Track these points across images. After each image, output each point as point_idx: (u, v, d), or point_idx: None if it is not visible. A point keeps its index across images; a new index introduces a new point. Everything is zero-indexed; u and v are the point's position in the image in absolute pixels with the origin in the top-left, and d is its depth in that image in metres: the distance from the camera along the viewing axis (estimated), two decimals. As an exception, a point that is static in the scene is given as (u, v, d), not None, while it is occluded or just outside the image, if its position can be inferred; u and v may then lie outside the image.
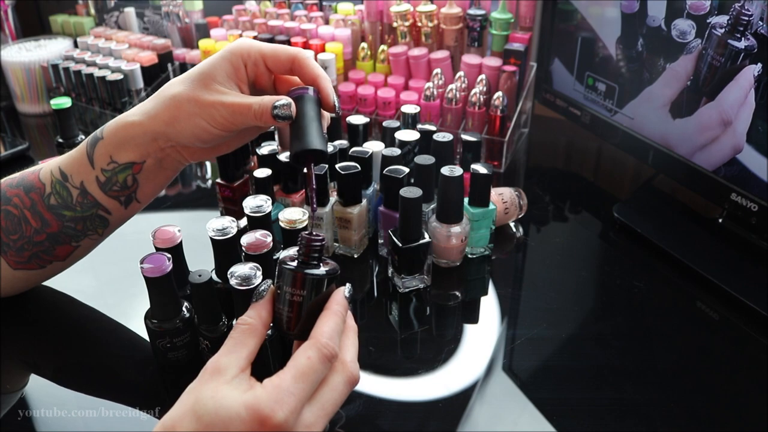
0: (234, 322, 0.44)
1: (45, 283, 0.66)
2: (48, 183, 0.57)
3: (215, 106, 0.51)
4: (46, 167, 0.58)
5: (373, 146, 0.76)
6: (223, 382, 0.40)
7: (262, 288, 0.46)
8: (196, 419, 0.39)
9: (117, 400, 0.55)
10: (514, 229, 0.80)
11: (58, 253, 0.59)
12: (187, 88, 0.52)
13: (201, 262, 0.60)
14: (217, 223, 0.58)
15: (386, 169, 0.69)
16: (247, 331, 0.43)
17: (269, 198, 0.62)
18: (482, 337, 0.63)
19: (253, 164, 0.82)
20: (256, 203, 0.61)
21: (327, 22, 1.09)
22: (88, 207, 0.57)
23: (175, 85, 0.53)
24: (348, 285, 0.47)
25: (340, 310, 0.44)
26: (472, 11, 0.95)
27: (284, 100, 0.50)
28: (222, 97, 0.51)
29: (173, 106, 0.52)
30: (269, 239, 0.56)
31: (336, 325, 0.43)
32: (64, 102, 0.88)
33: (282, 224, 0.60)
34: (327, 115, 0.54)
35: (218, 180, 0.79)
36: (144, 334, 0.57)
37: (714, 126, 0.69)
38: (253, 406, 0.38)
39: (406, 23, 0.99)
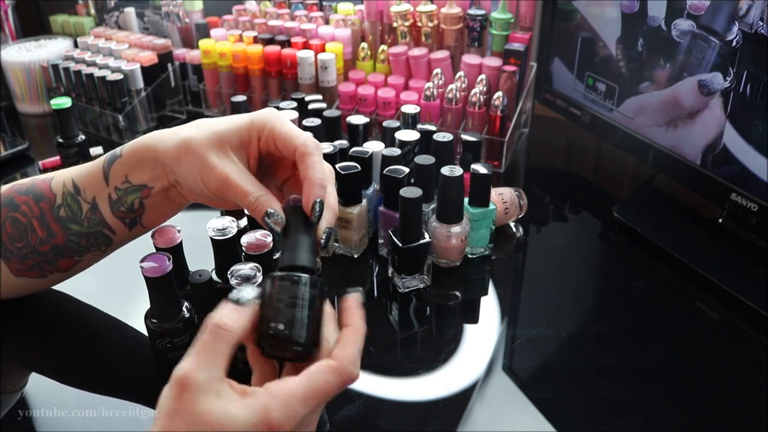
0: (207, 321, 0.39)
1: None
2: (60, 194, 0.56)
3: (214, 171, 0.49)
4: (58, 177, 0.57)
5: (373, 146, 0.76)
6: (213, 400, 0.36)
7: (249, 296, 0.40)
8: None
9: (117, 401, 0.55)
10: (514, 229, 0.80)
11: (60, 265, 0.59)
12: (201, 140, 0.50)
13: (201, 262, 0.60)
14: (217, 223, 0.58)
15: (386, 169, 0.69)
16: (226, 338, 0.38)
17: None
18: (482, 337, 0.63)
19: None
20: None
21: (327, 22, 1.09)
22: (95, 224, 0.56)
23: (194, 129, 0.51)
24: (359, 290, 0.44)
25: (362, 326, 0.42)
26: (472, 11, 0.95)
27: (277, 213, 0.46)
28: (225, 166, 0.49)
29: (183, 149, 0.50)
30: (269, 239, 0.56)
31: (360, 347, 0.41)
32: (64, 102, 0.88)
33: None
34: (324, 224, 0.46)
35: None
36: (144, 334, 0.57)
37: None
38: (264, 419, 0.36)
39: (406, 23, 0.99)
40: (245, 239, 0.57)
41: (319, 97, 0.91)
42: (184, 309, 0.56)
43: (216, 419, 0.35)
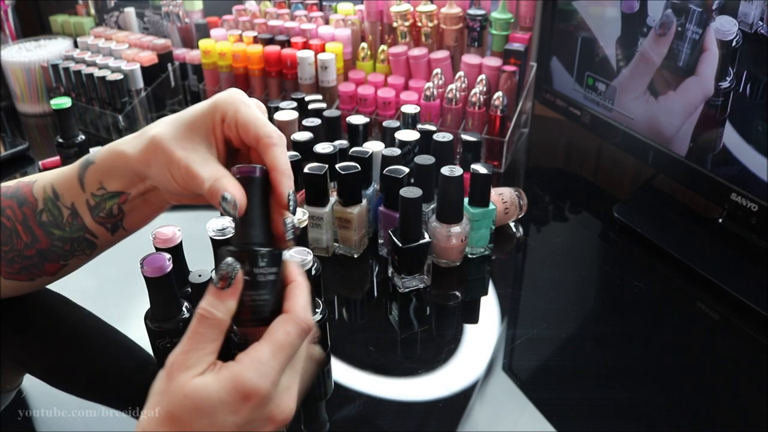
0: (197, 310, 0.40)
1: (45, 283, 0.66)
2: (41, 199, 0.56)
3: (179, 164, 0.47)
4: (40, 182, 0.57)
5: (373, 146, 0.76)
6: (193, 377, 0.38)
7: (233, 270, 0.41)
8: (175, 421, 0.37)
9: (117, 400, 0.55)
10: (514, 229, 0.80)
11: (47, 269, 0.59)
12: (167, 134, 0.48)
13: (201, 262, 0.60)
14: (217, 223, 0.58)
15: (386, 169, 0.69)
16: (218, 327, 0.40)
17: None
18: (482, 337, 0.63)
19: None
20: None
21: (327, 22, 1.09)
22: (76, 229, 0.56)
23: (161, 125, 0.50)
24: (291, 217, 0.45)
25: (303, 280, 0.44)
26: (472, 11, 0.95)
27: (231, 195, 0.43)
28: (188, 156, 0.47)
29: (150, 148, 0.49)
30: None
31: (308, 297, 0.43)
32: (64, 102, 0.88)
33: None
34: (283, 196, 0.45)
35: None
36: (144, 334, 0.57)
37: (699, 102, 0.71)
38: (235, 386, 0.38)
39: (406, 23, 0.99)
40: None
41: (319, 97, 0.91)
42: (184, 309, 0.56)
43: (194, 393, 0.38)
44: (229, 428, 0.38)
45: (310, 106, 0.87)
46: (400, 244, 0.65)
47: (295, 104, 0.87)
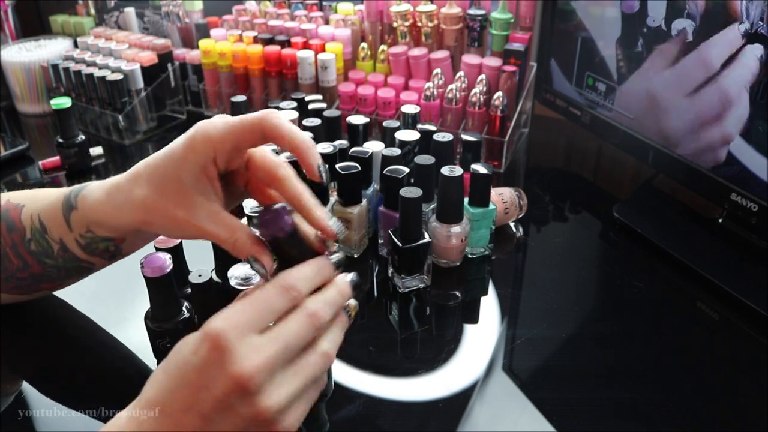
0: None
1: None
2: (28, 228, 0.53)
3: (186, 225, 0.45)
4: (27, 209, 0.54)
5: (373, 146, 0.76)
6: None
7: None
8: (163, 372, 0.39)
9: (117, 401, 0.54)
10: (514, 229, 0.80)
11: (43, 288, 0.58)
12: (158, 199, 0.45)
13: (201, 262, 0.60)
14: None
15: (386, 169, 0.69)
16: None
17: None
18: (482, 337, 0.63)
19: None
20: (255, 208, 0.59)
21: (327, 22, 1.09)
22: (70, 260, 0.54)
23: (146, 183, 0.46)
24: (341, 253, 0.45)
25: (319, 262, 0.42)
26: (472, 11, 0.95)
27: (262, 256, 0.43)
28: (196, 218, 0.45)
29: (142, 211, 0.46)
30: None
31: (308, 271, 0.41)
32: (64, 102, 0.88)
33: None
34: (311, 233, 0.45)
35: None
36: (144, 334, 0.57)
37: (714, 104, 0.69)
38: (203, 331, 0.37)
39: (406, 23, 0.99)
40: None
41: (319, 97, 0.91)
42: (184, 309, 0.56)
43: (177, 347, 0.39)
44: (189, 370, 0.37)
45: (310, 106, 0.87)
46: (400, 244, 0.65)
47: (295, 104, 0.87)
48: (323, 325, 0.41)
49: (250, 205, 0.61)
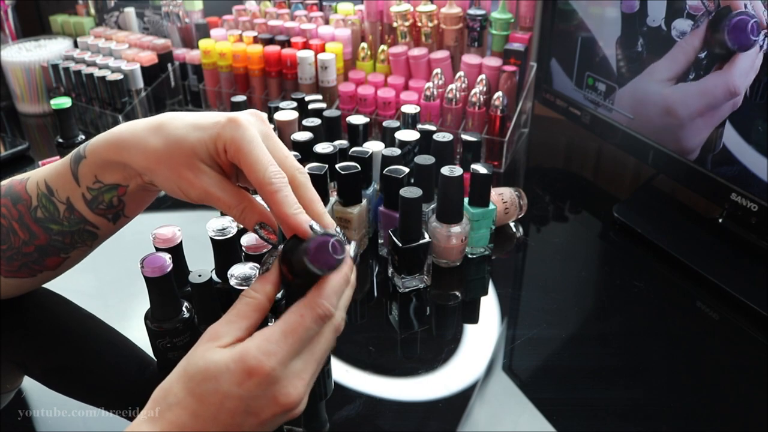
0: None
1: (45, 284, 0.66)
2: (34, 196, 0.55)
3: (195, 186, 0.47)
4: (33, 178, 0.56)
5: (373, 146, 0.76)
6: (216, 346, 0.41)
7: (271, 257, 0.45)
8: (187, 379, 0.40)
9: (117, 400, 0.55)
10: (514, 229, 0.80)
11: (47, 264, 0.58)
12: (171, 153, 0.47)
13: (201, 262, 0.60)
14: (217, 223, 0.58)
15: (386, 169, 0.69)
16: (252, 304, 0.43)
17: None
18: (482, 337, 0.63)
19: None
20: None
21: (327, 22, 1.09)
22: (76, 222, 0.55)
23: (162, 138, 0.48)
24: (353, 242, 0.46)
25: (345, 270, 0.43)
26: (472, 11, 0.95)
27: (266, 226, 0.47)
28: (203, 181, 0.47)
29: (152, 160, 0.48)
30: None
31: (338, 286, 0.43)
32: (64, 102, 0.88)
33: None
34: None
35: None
36: (144, 334, 0.57)
37: (719, 95, 0.69)
38: (242, 358, 0.39)
39: (406, 23, 0.99)
40: (245, 239, 0.57)
41: (319, 97, 0.91)
42: (184, 309, 0.56)
43: (208, 358, 0.40)
44: (234, 400, 0.39)
45: (310, 106, 0.87)
46: (400, 244, 0.65)
47: (295, 104, 0.87)
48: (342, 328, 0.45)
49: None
